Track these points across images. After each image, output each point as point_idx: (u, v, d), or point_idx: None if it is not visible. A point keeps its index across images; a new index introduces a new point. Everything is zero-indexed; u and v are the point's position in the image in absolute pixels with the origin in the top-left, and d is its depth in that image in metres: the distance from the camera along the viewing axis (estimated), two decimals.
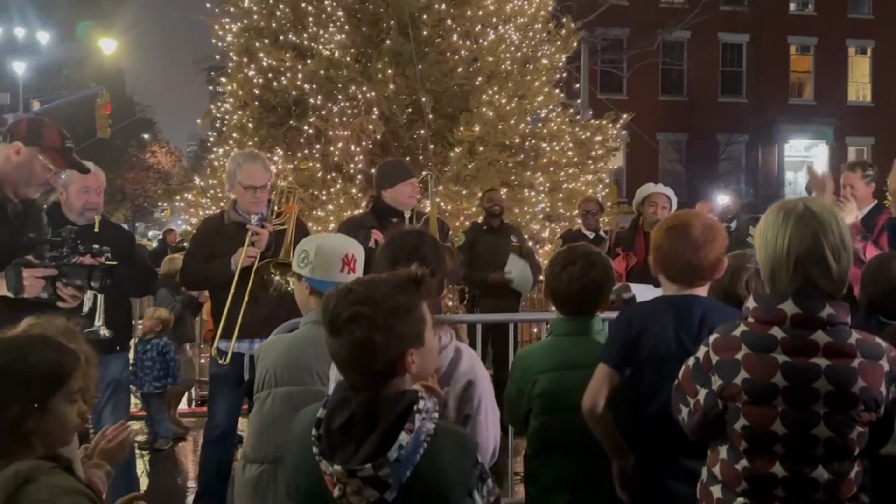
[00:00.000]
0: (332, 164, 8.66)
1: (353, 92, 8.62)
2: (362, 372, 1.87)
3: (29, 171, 3.27)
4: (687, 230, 2.68)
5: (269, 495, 2.70)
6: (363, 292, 1.86)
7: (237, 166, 4.52)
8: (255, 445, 2.78)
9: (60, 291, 3.16)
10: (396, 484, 1.76)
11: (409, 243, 2.53)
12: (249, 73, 9.09)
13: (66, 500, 1.82)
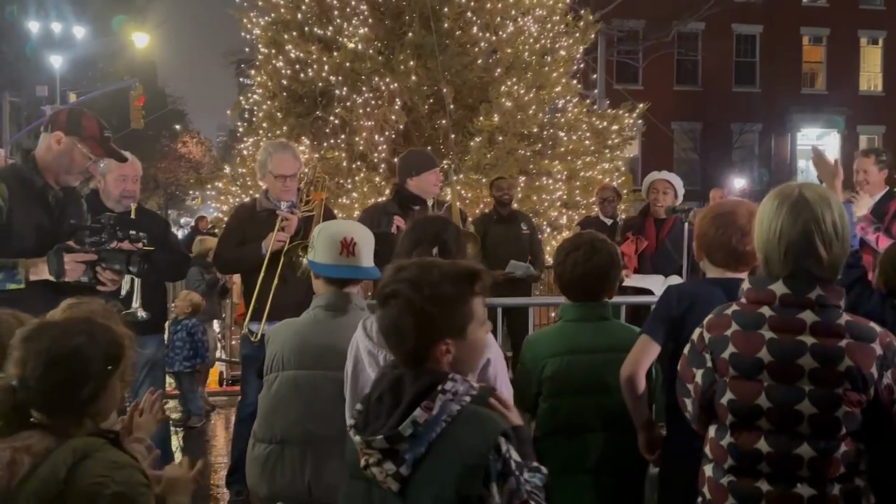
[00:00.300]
0: (357, 154, 8.67)
1: (377, 83, 8.60)
2: (395, 349, 1.86)
3: (69, 160, 3.30)
4: (733, 218, 2.69)
5: (276, 473, 2.71)
6: (412, 273, 1.84)
7: (268, 156, 4.55)
8: (262, 426, 2.79)
9: (100, 275, 3.19)
10: (411, 459, 1.74)
11: (431, 228, 2.53)
12: (277, 65, 9.10)
13: (120, 475, 1.84)
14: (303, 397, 2.68)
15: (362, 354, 2.39)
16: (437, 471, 1.72)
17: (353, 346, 2.45)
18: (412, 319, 1.79)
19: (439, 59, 8.30)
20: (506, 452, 1.74)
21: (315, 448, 2.65)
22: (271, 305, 4.32)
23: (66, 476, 1.77)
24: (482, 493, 1.70)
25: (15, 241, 3.15)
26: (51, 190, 3.30)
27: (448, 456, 1.72)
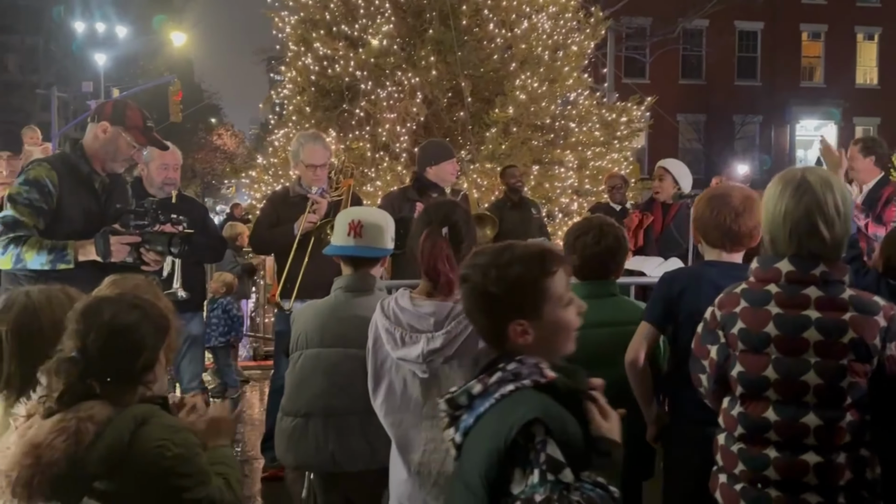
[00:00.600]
0: (380, 144, 8.66)
1: (400, 78, 8.58)
2: (474, 326, 1.80)
3: (115, 148, 3.32)
4: (727, 200, 2.68)
5: (301, 445, 2.71)
6: (483, 258, 1.79)
7: (300, 146, 4.58)
8: (289, 400, 2.79)
9: (144, 256, 3.21)
10: (462, 428, 1.70)
11: (442, 210, 2.49)
12: (306, 62, 9.08)
13: (178, 437, 1.87)
14: (325, 374, 2.68)
15: (381, 332, 2.38)
16: (474, 445, 1.66)
17: (372, 325, 2.44)
18: (479, 302, 1.74)
19: (458, 54, 8.26)
20: (538, 443, 1.56)
21: (337, 420, 2.66)
22: (301, 283, 4.34)
23: (130, 441, 1.79)
24: (504, 476, 1.58)
25: (65, 225, 3.18)
26: (97, 176, 3.33)
27: (482, 433, 1.65)
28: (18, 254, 3.07)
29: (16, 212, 3.12)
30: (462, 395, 1.69)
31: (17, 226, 3.10)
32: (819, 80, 31.09)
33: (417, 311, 2.30)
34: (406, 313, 2.31)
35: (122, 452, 1.78)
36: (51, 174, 3.19)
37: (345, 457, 2.64)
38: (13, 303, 2.16)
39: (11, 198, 3.16)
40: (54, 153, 3.47)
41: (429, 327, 2.27)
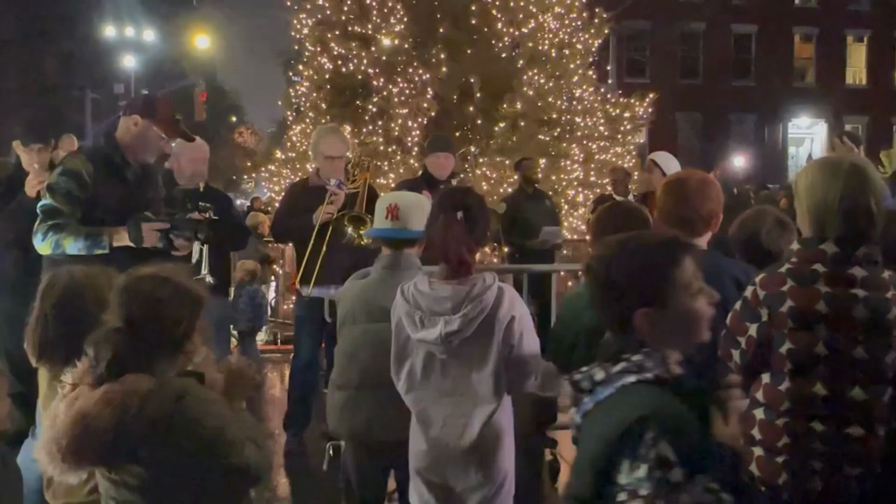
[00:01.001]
0: (393, 138, 8.61)
1: (411, 75, 8.52)
2: (599, 316, 1.68)
3: (145, 140, 3.30)
4: (682, 185, 2.59)
5: (356, 416, 2.69)
6: (610, 248, 1.68)
7: (319, 139, 4.58)
8: (340, 374, 2.77)
9: (174, 241, 3.19)
10: (582, 411, 1.61)
11: (457, 195, 2.47)
12: (322, 61, 9.06)
13: (214, 410, 1.89)
14: (372, 348, 2.65)
15: (402, 315, 2.36)
16: (588, 430, 1.58)
17: (394, 308, 2.42)
18: (603, 292, 1.63)
19: (467, 52, 8.20)
20: (649, 439, 1.44)
21: (387, 392, 2.59)
22: (319, 270, 4.31)
23: (170, 413, 1.80)
24: (611, 464, 1.47)
25: (99, 213, 3.18)
26: (130, 167, 3.31)
27: (597, 419, 1.56)
28: (57, 240, 3.09)
29: (55, 201, 3.13)
30: (585, 380, 1.60)
31: (56, 214, 3.12)
32: (811, 81, 30.92)
33: (435, 295, 2.29)
34: (425, 297, 2.30)
35: (162, 424, 1.79)
36: (86, 165, 3.20)
37: (389, 426, 2.60)
38: (57, 281, 2.23)
39: (50, 188, 3.18)
40: (90, 146, 3.45)
41: (446, 310, 2.26)
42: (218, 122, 38.97)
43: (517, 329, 2.30)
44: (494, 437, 2.33)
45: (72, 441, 1.74)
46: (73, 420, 1.76)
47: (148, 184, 3.42)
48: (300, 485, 4.28)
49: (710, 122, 29.44)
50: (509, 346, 2.29)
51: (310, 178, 4.65)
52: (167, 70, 33.48)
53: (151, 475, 1.81)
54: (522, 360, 2.32)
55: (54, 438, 1.76)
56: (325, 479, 4.26)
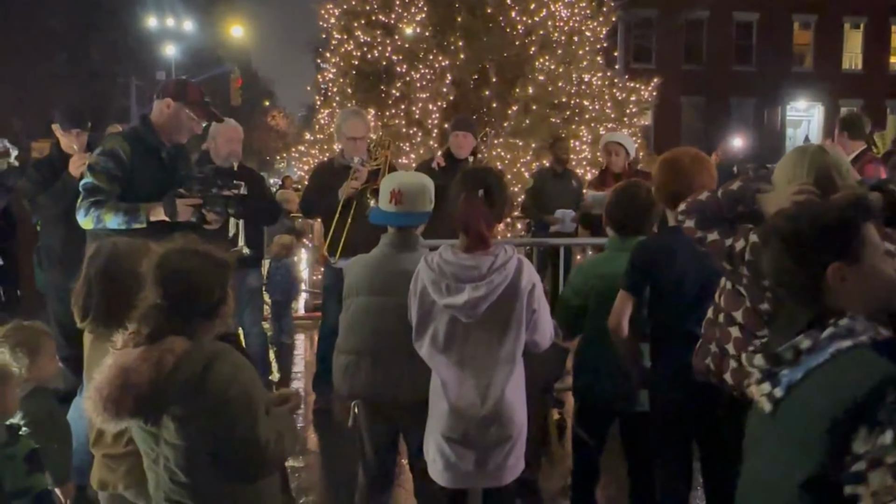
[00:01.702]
0: (414, 121, 8.54)
1: (431, 61, 8.43)
2: (787, 287, 1.53)
3: (178, 122, 3.29)
4: (675, 163, 2.57)
5: (355, 378, 2.70)
6: (794, 209, 1.58)
7: (343, 121, 4.57)
8: (343, 340, 2.78)
9: (207, 216, 3.20)
10: (786, 383, 1.44)
11: (479, 174, 2.46)
12: (348, 48, 8.98)
13: (244, 374, 1.89)
14: (373, 319, 2.66)
15: (427, 284, 2.37)
16: (810, 399, 1.40)
17: (416, 277, 2.42)
18: (792, 251, 1.48)
19: (483, 40, 8.09)
20: (891, 403, 1.31)
21: (383, 358, 2.64)
22: (344, 242, 4.35)
23: (201, 373, 1.81)
24: (850, 432, 1.32)
25: (137, 190, 3.19)
26: (164, 146, 3.31)
27: (824, 387, 1.38)
28: (98, 215, 3.11)
29: (95, 179, 3.15)
30: (788, 351, 1.44)
31: (97, 191, 3.13)
32: (809, 66, 30.24)
33: (462, 264, 2.32)
34: (451, 265, 2.32)
35: (194, 383, 1.80)
36: (124, 145, 3.20)
37: (391, 389, 2.63)
38: (102, 250, 2.27)
39: (91, 167, 3.20)
40: (126, 127, 3.45)
41: (473, 277, 2.29)
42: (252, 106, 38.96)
43: (537, 295, 2.35)
44: (513, 396, 2.36)
45: (112, 391, 1.77)
46: (114, 373, 1.79)
47: (180, 162, 3.42)
48: (327, 440, 4.33)
49: (712, 106, 28.95)
50: (532, 311, 2.34)
51: (335, 159, 4.64)
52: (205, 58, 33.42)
53: (181, 432, 1.83)
54: (544, 322, 2.39)
55: (97, 388, 1.79)
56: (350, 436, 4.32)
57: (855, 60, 30.53)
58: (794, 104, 29.95)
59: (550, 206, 6.10)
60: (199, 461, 1.85)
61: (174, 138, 3.34)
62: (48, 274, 4.13)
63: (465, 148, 4.91)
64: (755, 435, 1.55)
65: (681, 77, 26.86)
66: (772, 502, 1.44)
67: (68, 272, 3.01)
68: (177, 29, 27.27)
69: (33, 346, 2.56)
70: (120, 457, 2.18)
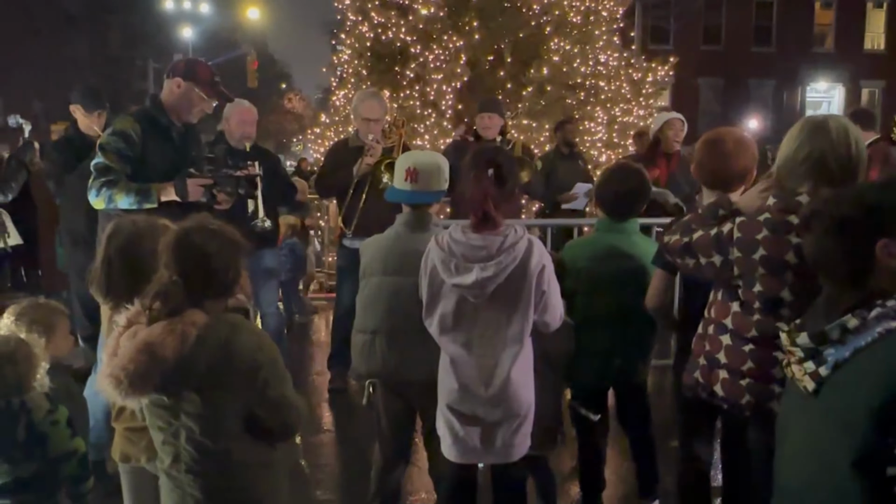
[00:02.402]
0: (429, 102, 8.49)
1: (446, 42, 8.36)
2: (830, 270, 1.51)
3: (188, 101, 3.28)
4: (719, 144, 2.55)
5: (371, 357, 2.72)
6: (834, 192, 1.55)
7: (360, 102, 4.57)
8: (359, 320, 2.80)
9: (217, 196, 3.20)
10: (832, 362, 1.43)
11: (487, 154, 2.43)
12: (363, 30, 8.93)
13: (266, 342, 1.93)
14: (387, 298, 2.67)
15: (437, 263, 2.36)
16: (858, 378, 1.38)
17: (426, 257, 2.42)
18: (838, 232, 1.46)
19: (499, 20, 8.00)
20: None
21: (398, 337, 2.65)
22: (358, 221, 4.37)
23: (226, 341, 1.85)
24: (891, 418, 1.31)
25: (148, 170, 3.19)
26: (174, 127, 3.31)
27: (874, 366, 1.37)
28: (110, 195, 3.11)
29: (106, 159, 3.14)
30: (835, 330, 1.42)
31: (108, 171, 3.13)
32: (830, 47, 29.59)
33: (470, 244, 2.31)
34: (460, 245, 2.31)
35: (221, 352, 1.83)
36: (134, 126, 3.19)
37: (405, 368, 2.65)
38: (122, 228, 2.28)
39: (102, 147, 3.19)
40: (138, 107, 3.44)
41: (481, 258, 2.28)
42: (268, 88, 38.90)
43: (547, 276, 2.34)
44: (519, 375, 2.35)
45: (137, 367, 1.78)
46: (138, 349, 1.80)
47: (191, 142, 3.41)
48: (342, 419, 4.37)
49: (731, 87, 28.49)
50: (542, 292, 2.33)
51: (349, 138, 4.65)
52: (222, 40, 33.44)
53: (208, 401, 1.86)
54: (554, 303, 2.38)
55: (121, 366, 1.80)
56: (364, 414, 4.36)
57: (877, 40, 29.83)
58: (815, 85, 29.39)
59: (561, 188, 6.06)
60: (231, 428, 1.89)
61: (185, 118, 3.33)
62: (71, 254, 4.16)
63: (492, 129, 4.92)
64: (794, 414, 1.55)
65: (699, 58, 26.43)
66: (818, 482, 1.43)
67: (92, 252, 3.05)
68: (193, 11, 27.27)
69: (49, 324, 2.58)
70: (142, 430, 2.21)
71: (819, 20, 29.57)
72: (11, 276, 6.67)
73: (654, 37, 25.61)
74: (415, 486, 3.41)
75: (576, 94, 8.55)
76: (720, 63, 27.85)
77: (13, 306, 2.60)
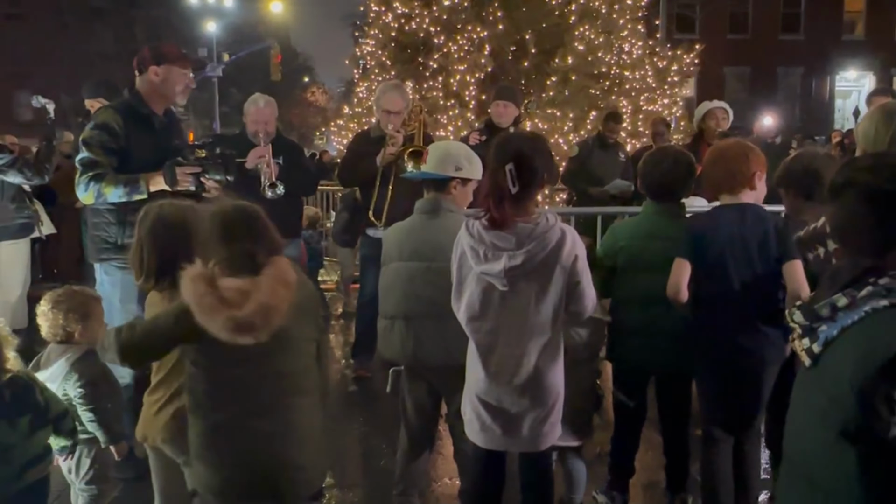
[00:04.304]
0: (452, 93, 8.48)
1: (469, 33, 8.33)
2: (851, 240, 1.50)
3: (172, 82, 3.27)
4: (725, 153, 2.71)
5: (391, 340, 2.75)
6: (872, 160, 1.53)
7: (382, 94, 4.58)
8: (381, 305, 2.82)
9: (206, 183, 3.19)
10: (822, 339, 1.45)
11: (510, 145, 2.35)
12: (386, 20, 8.94)
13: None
14: (403, 283, 2.69)
15: (466, 249, 2.34)
16: (843, 356, 1.40)
17: (457, 243, 2.40)
18: (868, 203, 1.44)
19: (522, 10, 7.95)
20: None
21: (415, 323, 2.66)
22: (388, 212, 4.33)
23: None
24: (884, 391, 1.31)
25: (133, 161, 3.19)
26: (156, 117, 3.30)
27: (852, 344, 1.39)
28: (98, 189, 3.11)
29: (91, 153, 3.14)
30: (824, 307, 1.44)
31: (94, 165, 3.13)
32: (860, 34, 28.93)
33: (500, 232, 2.26)
34: (490, 233, 2.28)
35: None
36: (116, 117, 3.19)
37: (423, 352, 2.66)
38: (150, 212, 2.36)
39: (85, 141, 3.18)
40: (118, 100, 3.44)
41: (511, 246, 2.24)
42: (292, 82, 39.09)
43: (581, 266, 2.29)
44: (548, 365, 2.32)
45: (280, 305, 1.98)
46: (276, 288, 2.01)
47: (173, 132, 3.41)
48: (365, 406, 4.40)
49: (758, 76, 28.01)
50: (575, 283, 2.28)
51: (371, 129, 4.66)
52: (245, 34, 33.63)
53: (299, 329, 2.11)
54: (587, 294, 2.33)
55: (266, 303, 1.97)
56: (388, 401, 4.38)
57: None
58: (844, 74, 28.79)
59: (594, 177, 5.94)
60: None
61: (172, 101, 3.32)
62: None
63: (507, 117, 4.87)
64: (798, 388, 1.59)
65: (725, 47, 26.03)
66: (815, 453, 1.47)
67: None
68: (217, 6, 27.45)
69: (84, 311, 2.64)
70: (157, 410, 2.30)
71: (849, 7, 28.93)
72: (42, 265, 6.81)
73: (680, 25, 25.26)
74: (438, 472, 3.43)
75: (600, 84, 8.48)
76: (747, 51, 27.40)
77: (49, 293, 2.66)
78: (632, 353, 2.89)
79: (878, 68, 27.60)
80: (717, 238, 2.62)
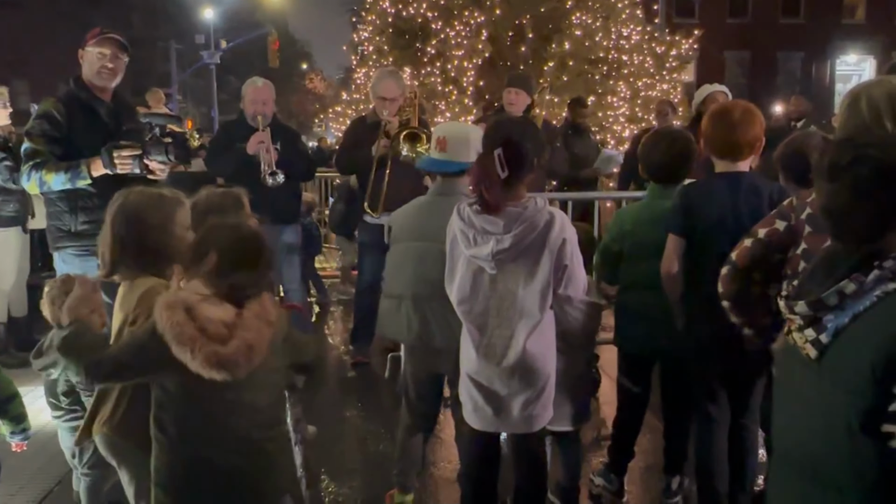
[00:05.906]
0: (450, 79, 8.46)
1: (467, 18, 8.30)
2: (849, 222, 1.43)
3: (92, 65, 3.25)
4: (727, 114, 2.58)
5: (395, 321, 2.74)
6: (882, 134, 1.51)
7: (377, 81, 4.57)
8: (387, 285, 2.83)
9: (149, 165, 3.15)
10: (832, 328, 1.38)
11: (500, 129, 2.36)
12: (384, 6, 8.89)
13: None
14: (412, 263, 2.69)
15: (457, 234, 2.36)
16: (860, 342, 1.34)
17: (450, 226, 2.42)
18: (878, 179, 1.37)
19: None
20: None
21: (422, 303, 2.66)
22: (385, 200, 4.33)
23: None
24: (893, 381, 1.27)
25: (80, 149, 3.18)
26: (101, 103, 3.30)
27: (874, 330, 1.33)
28: (40, 177, 3.12)
29: (33, 143, 3.16)
30: (831, 296, 1.37)
31: (36, 154, 3.15)
32: (860, 18, 28.74)
33: (489, 216, 2.28)
34: (480, 217, 2.29)
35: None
36: (56, 106, 3.21)
37: (429, 334, 2.66)
38: (115, 201, 2.26)
39: (28, 132, 3.21)
40: (63, 90, 3.43)
41: (499, 230, 2.25)
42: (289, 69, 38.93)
43: (569, 250, 2.30)
44: (537, 348, 2.34)
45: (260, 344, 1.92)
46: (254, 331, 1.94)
47: (124, 116, 3.38)
48: (365, 390, 4.43)
49: (758, 60, 27.85)
50: (564, 266, 2.29)
51: (367, 115, 4.65)
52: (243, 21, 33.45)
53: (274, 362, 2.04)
54: (577, 277, 2.34)
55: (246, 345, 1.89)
56: (386, 386, 4.43)
57: None
58: (845, 58, 28.64)
59: (576, 162, 6.02)
60: None
61: (100, 84, 3.28)
62: None
63: (518, 105, 4.82)
64: (794, 381, 1.50)
65: (725, 31, 25.87)
66: (828, 447, 1.40)
67: None
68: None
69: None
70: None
71: None
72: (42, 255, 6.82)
73: (679, 9, 25.09)
74: (437, 455, 3.46)
75: (598, 69, 8.45)
76: (747, 35, 27.23)
77: (49, 282, 2.67)
78: (637, 337, 2.88)
79: (878, 52, 27.47)
80: (710, 210, 2.56)
